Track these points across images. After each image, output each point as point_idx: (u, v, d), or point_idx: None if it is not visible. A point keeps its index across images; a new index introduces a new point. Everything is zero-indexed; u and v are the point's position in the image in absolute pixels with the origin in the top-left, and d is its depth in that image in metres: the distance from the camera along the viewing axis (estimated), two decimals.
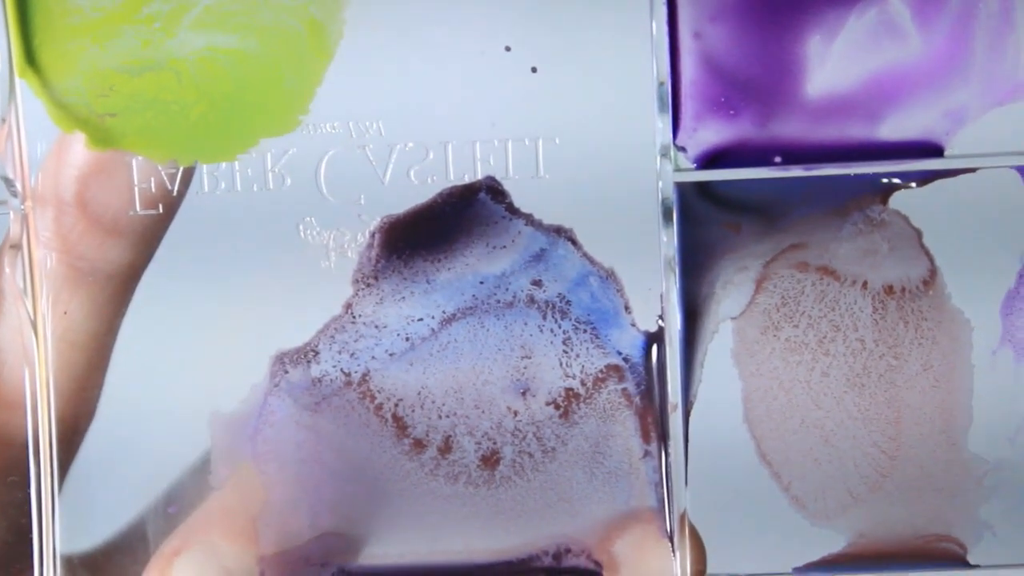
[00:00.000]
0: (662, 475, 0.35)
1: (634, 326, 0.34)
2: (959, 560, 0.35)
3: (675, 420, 0.34)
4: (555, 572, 0.35)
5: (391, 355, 0.34)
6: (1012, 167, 0.34)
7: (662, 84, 0.33)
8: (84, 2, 0.33)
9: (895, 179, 0.34)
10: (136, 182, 0.34)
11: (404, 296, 0.34)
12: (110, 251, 0.34)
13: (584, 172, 0.34)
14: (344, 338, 0.34)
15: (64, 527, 0.35)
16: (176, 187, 0.34)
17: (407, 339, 0.34)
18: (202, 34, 0.33)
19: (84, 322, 0.34)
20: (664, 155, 0.33)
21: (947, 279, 0.34)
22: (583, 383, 0.35)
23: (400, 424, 0.35)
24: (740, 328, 0.35)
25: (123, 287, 0.34)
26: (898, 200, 0.34)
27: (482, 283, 0.34)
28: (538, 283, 0.34)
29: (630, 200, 0.34)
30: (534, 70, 0.33)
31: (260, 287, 0.34)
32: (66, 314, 0.34)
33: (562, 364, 0.34)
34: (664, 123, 0.33)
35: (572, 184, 0.34)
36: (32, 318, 0.34)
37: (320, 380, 0.35)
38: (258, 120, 0.34)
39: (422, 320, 0.34)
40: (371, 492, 0.35)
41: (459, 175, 0.34)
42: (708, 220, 0.34)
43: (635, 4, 0.33)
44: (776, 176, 0.34)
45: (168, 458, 0.35)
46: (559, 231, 0.34)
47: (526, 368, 0.34)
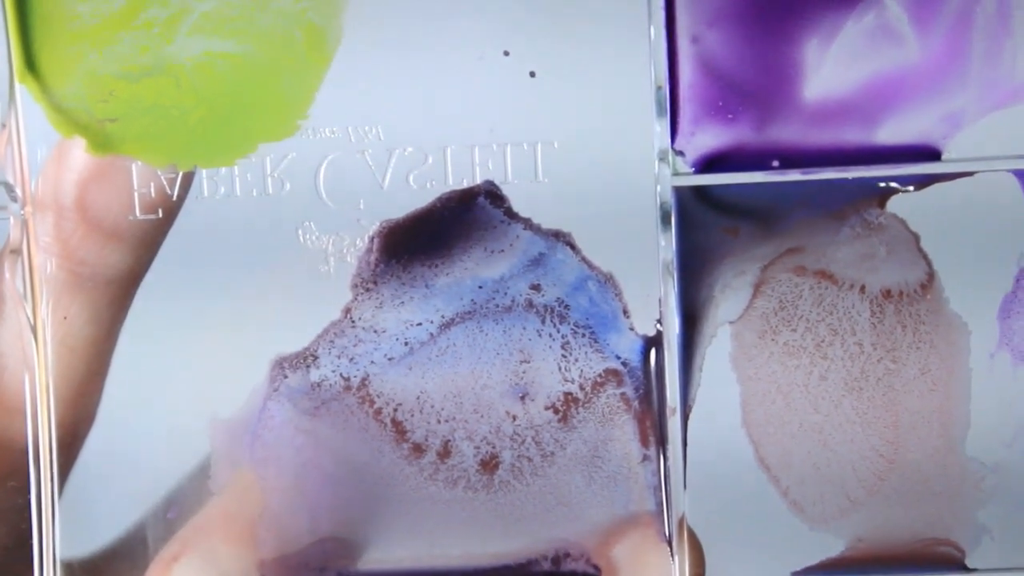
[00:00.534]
0: (661, 479, 0.35)
1: (633, 330, 0.34)
2: (957, 564, 0.35)
3: (674, 424, 0.34)
4: None
5: (390, 360, 0.35)
6: (1009, 171, 0.34)
7: (660, 88, 0.33)
8: (83, 8, 0.33)
9: (892, 183, 0.34)
10: (136, 187, 0.34)
11: (403, 301, 0.34)
12: (110, 256, 0.34)
13: (583, 176, 0.34)
14: (343, 343, 0.34)
15: (64, 532, 0.35)
16: (176, 192, 0.34)
17: (406, 344, 0.34)
18: (200, 39, 0.33)
19: (84, 327, 0.34)
20: (662, 159, 0.34)
21: (945, 283, 0.34)
22: (582, 387, 0.35)
23: (399, 428, 0.35)
24: (738, 332, 0.35)
25: (123, 292, 0.34)
26: (896, 204, 0.34)
27: (481, 288, 0.34)
28: (537, 287, 0.34)
29: (629, 204, 0.34)
30: (533, 75, 0.33)
31: (259, 292, 0.34)
32: (66, 319, 0.34)
33: (561, 368, 0.35)
34: (662, 127, 0.33)
35: (571, 188, 0.34)
36: (32, 323, 0.34)
37: (319, 385, 0.35)
38: (257, 125, 0.34)
39: (421, 325, 0.34)
40: (370, 497, 0.35)
41: (458, 180, 0.34)
42: (706, 224, 0.34)
43: (633, 9, 0.33)
44: (774, 180, 0.34)
45: (167, 463, 0.35)
46: (558, 235, 0.34)
47: (525, 372, 0.35)
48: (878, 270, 0.34)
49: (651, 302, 0.34)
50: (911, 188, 0.34)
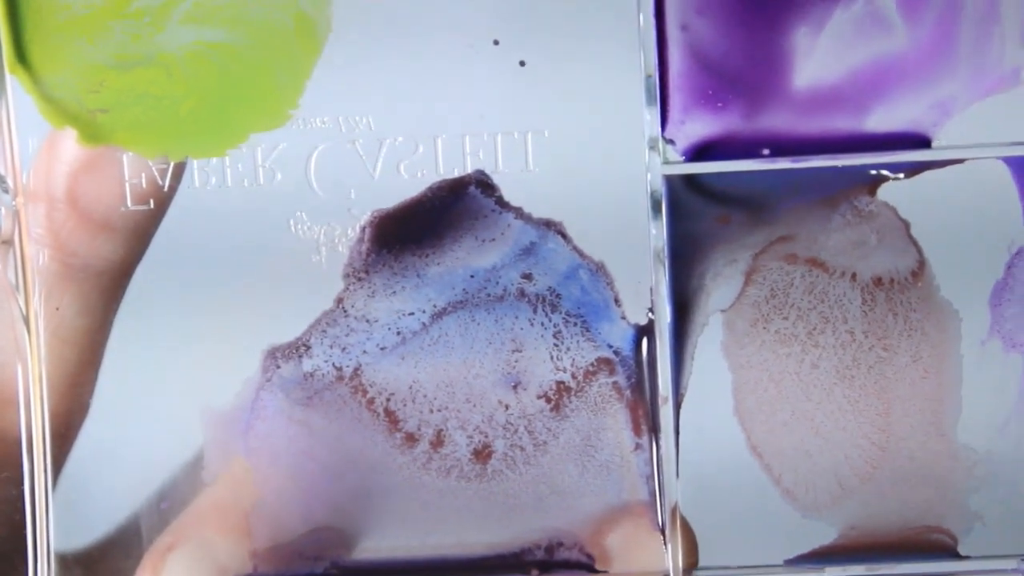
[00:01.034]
0: (653, 468, 0.35)
1: (624, 319, 0.34)
2: (950, 551, 0.35)
3: (666, 413, 0.34)
4: (547, 565, 0.35)
5: (382, 349, 0.35)
6: (1000, 158, 0.34)
7: (649, 77, 0.33)
8: None
9: (883, 171, 0.34)
10: (127, 178, 0.34)
11: (395, 290, 0.34)
12: (102, 247, 0.34)
13: (573, 165, 0.34)
14: (335, 332, 0.35)
15: (58, 524, 0.35)
16: (167, 182, 0.34)
17: (398, 333, 0.35)
18: (191, 29, 0.33)
19: (76, 318, 0.34)
20: (652, 148, 0.34)
21: (936, 270, 0.34)
22: (574, 376, 0.35)
23: (392, 418, 0.35)
24: (730, 320, 0.35)
25: (115, 283, 0.34)
26: (886, 191, 0.34)
27: (472, 277, 0.34)
28: (528, 277, 0.34)
29: (619, 193, 0.34)
30: (522, 64, 0.33)
31: (251, 282, 0.34)
32: (58, 310, 0.34)
33: (553, 357, 0.35)
34: (652, 116, 0.33)
35: (561, 177, 0.34)
36: (24, 314, 0.34)
37: (312, 375, 0.35)
38: (248, 115, 0.34)
39: (413, 314, 0.34)
40: (363, 486, 0.35)
41: (449, 169, 0.34)
42: (697, 213, 0.34)
43: None
44: (764, 168, 0.34)
45: (161, 454, 0.35)
46: (549, 224, 0.34)
47: (517, 362, 0.35)
48: (869, 258, 0.34)
49: (643, 291, 0.34)
50: (901, 176, 0.34)
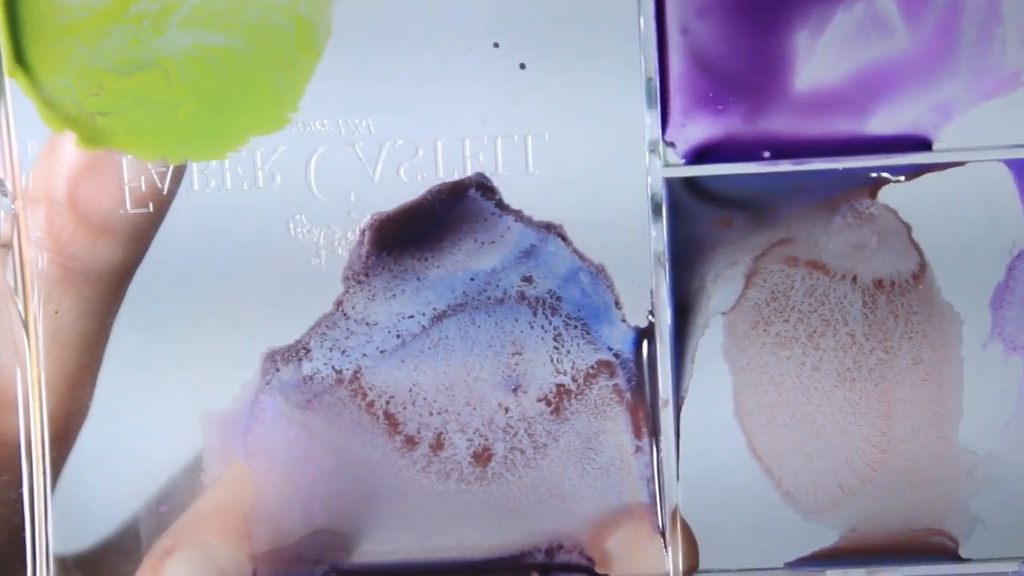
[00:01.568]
0: (654, 471, 0.35)
1: (624, 322, 0.34)
2: (951, 554, 0.35)
3: (666, 415, 0.34)
4: (548, 568, 0.35)
5: (382, 352, 0.35)
6: (1001, 160, 0.34)
7: (650, 80, 0.33)
8: (73, 1, 0.33)
9: (884, 173, 0.34)
10: (126, 181, 0.34)
11: (395, 293, 0.34)
12: (101, 250, 0.34)
13: (573, 168, 0.34)
14: (335, 336, 0.34)
15: (57, 527, 0.35)
16: (166, 186, 0.34)
17: (398, 336, 0.34)
18: (190, 33, 0.33)
19: (75, 321, 0.34)
20: (652, 151, 0.33)
21: (936, 273, 0.34)
22: (574, 379, 0.35)
23: (392, 421, 0.35)
24: (730, 323, 0.35)
25: (114, 286, 0.34)
26: (887, 194, 0.34)
27: (472, 280, 0.34)
28: (528, 279, 0.34)
29: (620, 196, 0.34)
30: (522, 66, 0.33)
31: (251, 285, 0.34)
32: (57, 313, 0.34)
33: (553, 360, 0.35)
34: (652, 119, 0.33)
35: (562, 180, 0.34)
36: (23, 318, 0.34)
37: (311, 378, 0.35)
38: (247, 118, 0.34)
39: (413, 317, 0.34)
40: (363, 489, 0.35)
41: (449, 172, 0.34)
42: (698, 215, 0.34)
43: (622, 0, 0.33)
44: (765, 171, 0.34)
45: (160, 457, 0.35)
46: (549, 227, 0.34)
47: (517, 364, 0.35)
48: (870, 260, 0.34)
49: (643, 293, 0.34)
50: (902, 178, 0.34)
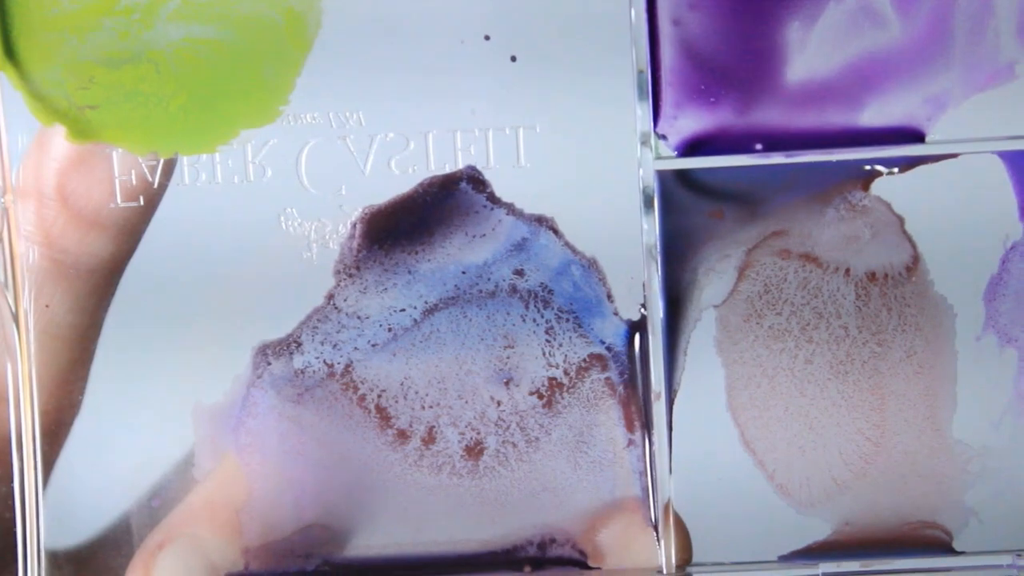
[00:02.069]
0: (646, 464, 0.35)
1: (617, 315, 0.34)
2: (944, 546, 0.35)
3: (659, 409, 0.34)
4: (540, 562, 0.35)
5: (374, 346, 0.34)
6: (994, 152, 0.33)
7: (641, 72, 0.33)
8: None
9: (877, 165, 0.34)
10: (117, 174, 0.34)
11: (386, 287, 0.34)
12: (92, 244, 0.34)
13: (565, 161, 0.34)
14: (327, 329, 0.34)
15: (48, 522, 0.35)
16: (157, 179, 0.34)
17: (390, 330, 0.34)
18: (180, 25, 0.33)
19: (67, 315, 0.34)
20: (644, 143, 0.33)
21: (930, 265, 0.34)
22: (566, 372, 0.34)
23: (383, 415, 0.35)
24: (723, 316, 0.35)
25: (105, 280, 0.34)
26: (880, 186, 0.34)
27: (464, 273, 0.34)
28: (520, 272, 0.34)
29: (612, 188, 0.34)
30: (513, 59, 0.33)
31: (242, 279, 0.34)
32: (48, 307, 0.34)
33: (545, 353, 0.34)
34: (644, 111, 0.33)
35: (553, 173, 0.34)
36: (14, 312, 0.34)
37: (303, 371, 0.35)
38: (238, 111, 0.34)
39: (404, 311, 0.34)
40: (355, 483, 0.35)
41: (440, 165, 0.34)
42: (690, 208, 0.34)
43: None
44: (757, 163, 0.33)
45: (151, 452, 0.35)
46: (540, 220, 0.34)
47: (509, 358, 0.34)
48: (863, 253, 0.34)
49: (635, 286, 0.34)
50: (896, 170, 0.34)
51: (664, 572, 0.34)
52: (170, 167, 0.34)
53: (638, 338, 0.34)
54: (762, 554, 0.35)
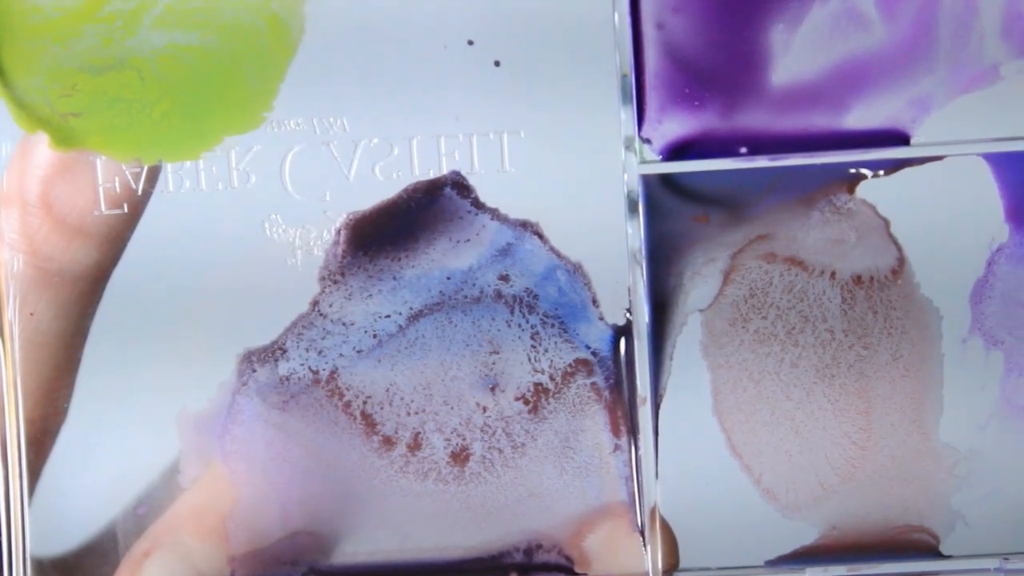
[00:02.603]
0: (632, 469, 0.34)
1: (602, 319, 0.34)
2: (932, 550, 0.35)
3: (644, 413, 0.34)
4: (526, 568, 0.35)
5: (359, 352, 0.34)
6: (979, 154, 0.33)
7: (625, 76, 0.33)
8: (45, 1, 0.33)
9: (862, 169, 0.34)
10: (100, 182, 0.34)
11: (371, 293, 0.34)
12: (77, 252, 0.34)
13: (550, 166, 0.34)
14: (312, 336, 0.34)
15: (35, 530, 0.35)
16: (141, 186, 0.34)
17: (375, 336, 0.34)
18: (163, 32, 0.33)
19: (52, 323, 0.34)
20: (628, 147, 0.33)
21: (916, 268, 0.34)
22: (552, 378, 0.34)
23: (369, 421, 0.34)
24: (708, 320, 0.34)
25: (90, 287, 0.34)
26: (865, 189, 0.34)
27: (449, 279, 0.34)
28: (505, 278, 0.34)
29: (596, 193, 0.34)
30: (497, 64, 0.33)
31: (226, 286, 0.34)
32: (33, 315, 0.34)
33: (530, 359, 0.34)
34: (627, 115, 0.33)
35: (538, 178, 0.34)
36: None
37: (288, 378, 0.34)
38: (222, 118, 0.33)
39: (389, 317, 0.34)
40: (341, 490, 0.35)
41: (424, 170, 0.34)
42: (674, 212, 0.34)
43: None
44: (742, 167, 0.33)
45: (137, 459, 0.35)
46: (525, 225, 0.34)
47: (494, 363, 0.34)
48: (848, 256, 0.34)
49: (620, 291, 0.34)
50: (881, 173, 0.34)
51: None
52: (154, 174, 0.34)
53: (623, 343, 0.34)
54: (749, 559, 0.35)
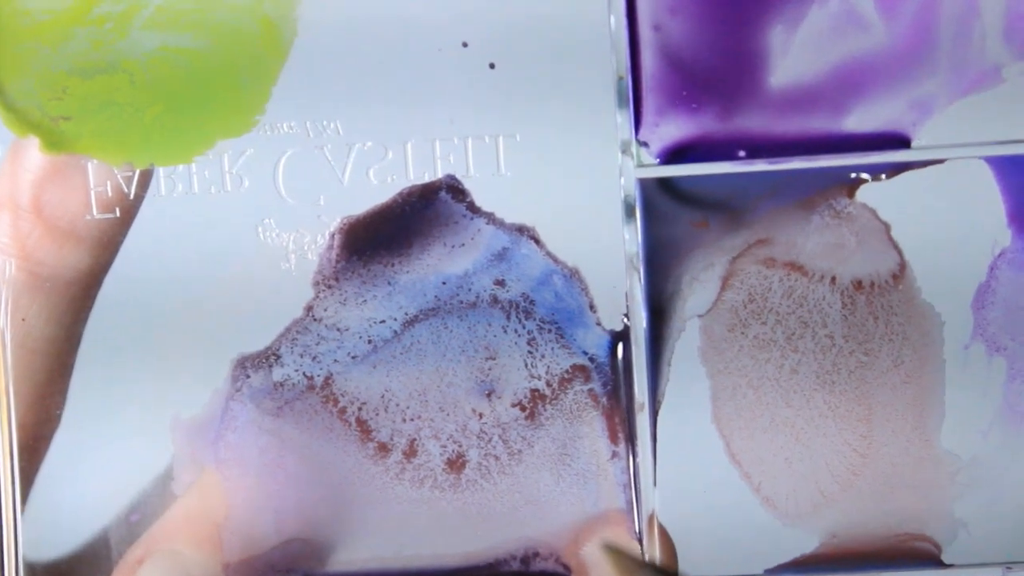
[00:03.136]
0: (630, 476, 0.34)
1: (599, 325, 0.34)
2: (933, 559, 0.34)
3: (642, 420, 0.34)
4: None
5: (353, 358, 0.34)
6: (981, 157, 0.33)
7: (621, 79, 0.33)
8: (34, 4, 0.33)
9: (862, 174, 0.33)
10: (92, 186, 0.33)
11: (366, 298, 0.34)
12: (69, 256, 0.34)
13: (546, 169, 0.33)
14: (306, 341, 0.34)
15: (28, 536, 0.34)
16: (133, 190, 0.34)
17: (369, 341, 0.34)
18: (155, 34, 0.33)
19: (44, 328, 0.34)
20: (624, 151, 0.33)
21: (917, 273, 0.34)
22: (549, 384, 0.34)
23: (364, 428, 0.34)
24: (707, 326, 0.34)
25: (83, 292, 0.34)
26: (865, 193, 0.33)
27: (444, 284, 0.34)
28: (501, 283, 0.34)
29: (593, 197, 0.33)
30: (492, 66, 0.33)
31: (220, 291, 0.34)
32: (25, 321, 0.34)
33: (527, 365, 0.34)
34: (623, 119, 0.33)
35: (534, 182, 0.33)
36: None
37: (282, 384, 0.34)
38: (214, 121, 0.33)
39: (384, 322, 0.34)
40: (336, 497, 0.34)
41: (419, 174, 0.33)
42: (672, 217, 0.34)
43: None
44: (740, 171, 0.33)
45: (130, 466, 0.34)
46: (521, 230, 0.34)
47: (491, 369, 0.34)
48: (849, 261, 0.34)
49: (618, 296, 0.34)
50: (882, 177, 0.33)
51: None
52: (146, 178, 0.34)
53: (621, 349, 0.34)
54: (748, 567, 0.34)
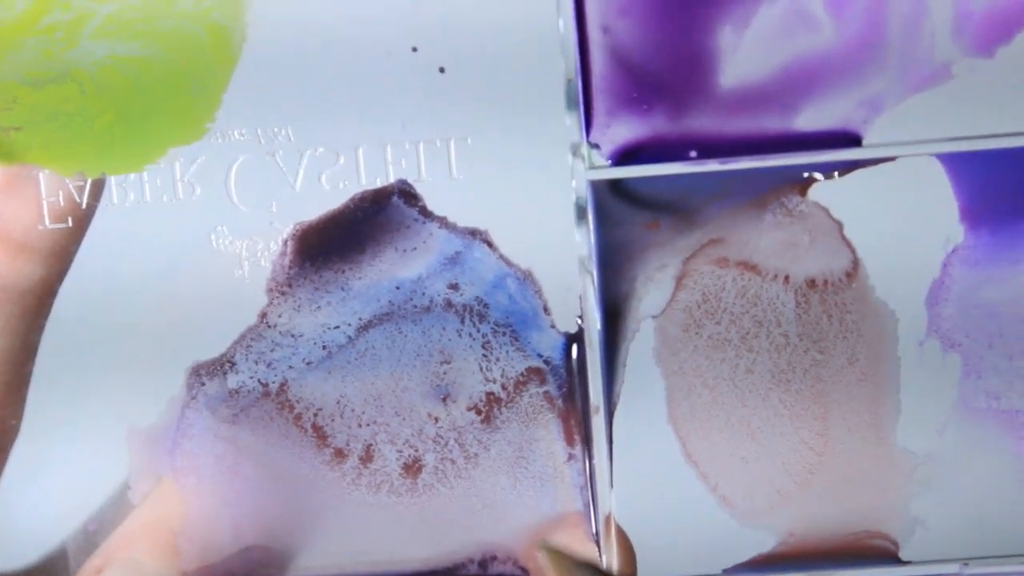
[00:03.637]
0: (587, 478, 0.34)
1: (554, 327, 0.34)
2: (891, 557, 0.34)
3: (598, 422, 0.34)
4: None
5: (308, 364, 0.34)
6: (932, 154, 0.33)
7: (570, 81, 0.33)
8: None
9: (814, 173, 0.33)
10: (44, 196, 0.33)
11: (320, 304, 0.34)
12: (22, 267, 0.33)
13: (498, 172, 0.33)
14: (260, 348, 0.34)
15: None
16: (85, 200, 0.33)
17: (324, 347, 0.34)
18: (103, 43, 0.33)
19: None
20: (575, 154, 0.33)
21: (870, 271, 0.34)
22: (504, 387, 0.34)
23: (320, 434, 0.34)
24: (661, 326, 0.34)
25: (37, 303, 0.34)
26: (817, 192, 0.33)
27: (398, 288, 0.34)
28: (455, 287, 0.34)
29: (545, 199, 0.33)
30: (442, 70, 0.33)
31: (174, 299, 0.34)
32: None
33: (482, 368, 0.34)
34: (573, 121, 0.33)
35: (486, 185, 0.33)
36: None
37: (237, 391, 0.34)
38: (165, 129, 0.33)
39: (339, 328, 0.34)
40: (293, 503, 0.34)
41: (371, 179, 0.33)
42: (624, 218, 0.33)
43: (541, 0, 0.32)
44: (692, 171, 0.33)
45: (87, 476, 0.34)
46: (474, 233, 0.34)
47: (446, 373, 0.34)
48: (802, 259, 0.34)
49: (571, 298, 0.34)
50: (835, 175, 0.33)
51: None
52: (98, 187, 0.33)
53: (576, 351, 0.34)
54: (707, 567, 0.34)
